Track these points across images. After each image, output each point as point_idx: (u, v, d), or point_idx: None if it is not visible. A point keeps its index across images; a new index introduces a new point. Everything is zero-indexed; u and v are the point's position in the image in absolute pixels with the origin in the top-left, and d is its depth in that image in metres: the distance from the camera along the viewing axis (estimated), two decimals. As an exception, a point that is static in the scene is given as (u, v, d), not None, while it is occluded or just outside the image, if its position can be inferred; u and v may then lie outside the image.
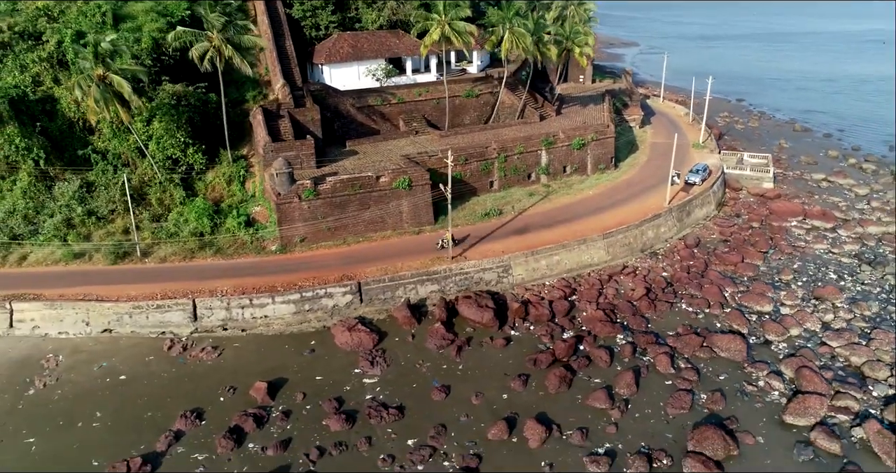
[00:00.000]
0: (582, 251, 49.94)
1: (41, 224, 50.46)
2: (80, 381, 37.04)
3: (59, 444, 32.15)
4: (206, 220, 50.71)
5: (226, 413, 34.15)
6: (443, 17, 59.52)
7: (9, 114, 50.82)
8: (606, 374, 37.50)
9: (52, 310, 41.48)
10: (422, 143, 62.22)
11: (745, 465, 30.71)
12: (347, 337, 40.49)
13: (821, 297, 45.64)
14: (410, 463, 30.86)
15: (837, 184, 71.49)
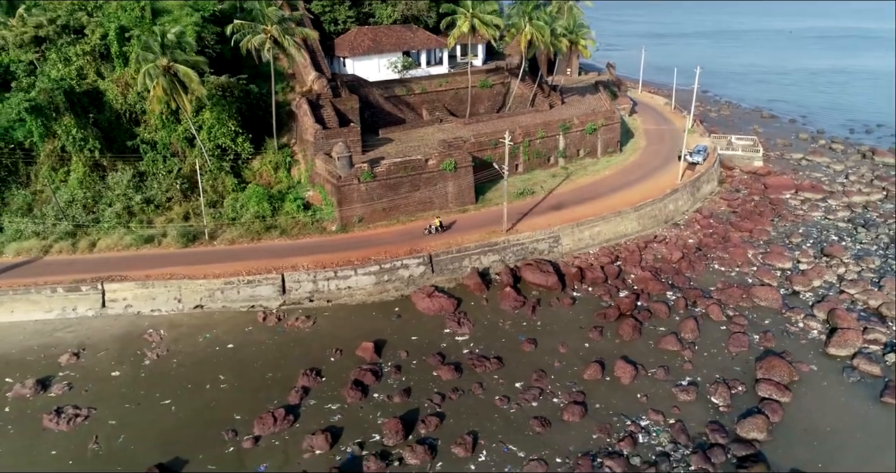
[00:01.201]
0: (617, 222, 54.85)
1: (101, 212, 51.85)
2: (190, 351, 39.34)
3: (195, 404, 34.61)
4: (267, 204, 53.13)
5: (341, 371, 37.22)
6: (470, 11, 63.39)
7: (64, 105, 51.97)
8: (668, 323, 42.36)
9: (144, 289, 43.41)
10: (448, 130, 65.91)
11: (807, 386, 35.99)
12: (428, 303, 44.03)
13: (830, 255, 51.90)
14: (525, 401, 34.80)
15: (815, 161, 79.07)
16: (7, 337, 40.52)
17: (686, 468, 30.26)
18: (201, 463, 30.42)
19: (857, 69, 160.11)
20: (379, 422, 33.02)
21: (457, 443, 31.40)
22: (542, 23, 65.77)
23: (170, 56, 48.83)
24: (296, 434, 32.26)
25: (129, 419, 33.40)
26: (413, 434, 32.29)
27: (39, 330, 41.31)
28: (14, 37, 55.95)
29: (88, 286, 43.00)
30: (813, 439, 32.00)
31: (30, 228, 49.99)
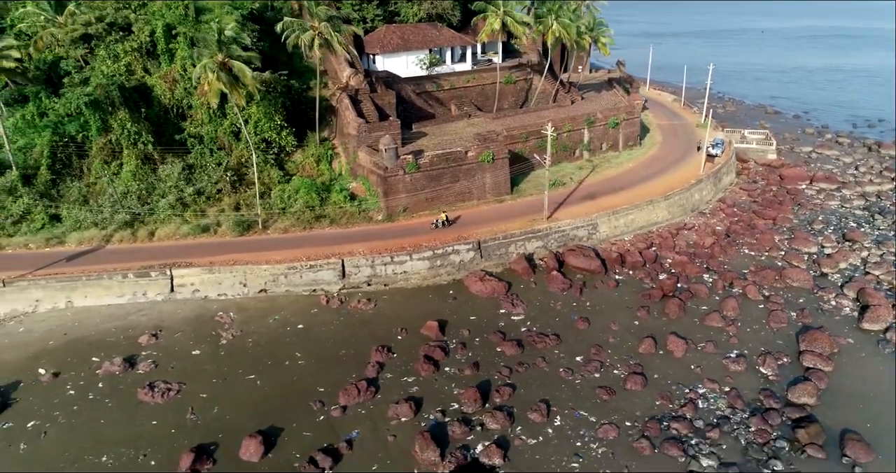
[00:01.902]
0: (650, 211, 57.44)
1: (155, 203, 53.67)
2: (263, 332, 41.38)
3: (279, 378, 36.69)
4: (315, 195, 55.18)
5: (410, 348, 39.43)
6: (500, 9, 65.77)
7: (119, 100, 53.80)
8: (709, 303, 44.98)
9: (211, 275, 45.38)
10: (477, 125, 68.25)
11: (847, 357, 38.68)
12: (481, 286, 46.35)
13: (852, 240, 54.82)
14: (587, 373, 37.21)
15: (825, 154, 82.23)
16: (84, 321, 42.35)
17: (746, 429, 32.77)
18: (296, 431, 32.52)
19: (852, 67, 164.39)
20: (455, 392, 35.29)
21: (532, 410, 33.73)
22: (567, 21, 68.29)
23: (226, 52, 50.77)
24: (379, 404, 34.45)
25: (219, 392, 35.43)
26: (489, 403, 34.58)
27: (113, 314, 43.16)
28: (64, 34, 57.59)
29: (157, 272, 44.90)
30: (859, 403, 34.64)
31: (88, 219, 51.73)
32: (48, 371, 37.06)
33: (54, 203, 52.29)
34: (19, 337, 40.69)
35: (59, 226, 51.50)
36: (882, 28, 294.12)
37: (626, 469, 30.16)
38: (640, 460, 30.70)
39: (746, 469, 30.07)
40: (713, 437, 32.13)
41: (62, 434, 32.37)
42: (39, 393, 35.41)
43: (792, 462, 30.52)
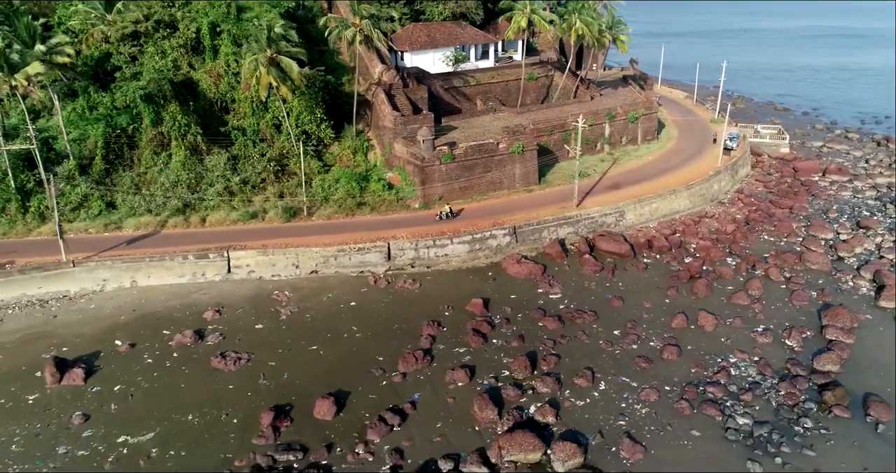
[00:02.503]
0: (672, 200, 60.27)
1: (204, 191, 56.51)
2: (319, 308, 44.24)
3: (340, 349, 39.55)
4: (355, 184, 58.03)
5: (458, 323, 42.27)
6: (527, 8, 68.65)
7: (170, 93, 56.66)
8: (734, 283, 47.83)
9: (266, 257, 48.24)
10: (503, 119, 70.84)
11: (866, 331, 41.53)
12: (518, 268, 49.20)
13: (866, 227, 57.66)
14: (626, 344, 40.05)
15: (835, 149, 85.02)
16: (150, 299, 45.21)
17: (776, 393, 35.59)
18: (362, 394, 35.36)
19: (858, 66, 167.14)
20: (505, 361, 38.15)
21: (578, 376, 36.58)
22: (589, 19, 71.15)
23: (275, 48, 53.66)
24: (436, 371, 37.29)
25: (286, 361, 38.29)
26: (537, 370, 37.40)
27: (176, 293, 46.02)
28: (114, 32, 60.46)
29: (215, 254, 47.77)
30: (879, 370, 37.45)
31: (142, 206, 54.61)
32: (124, 342, 39.96)
33: (109, 191, 55.17)
34: (91, 313, 43.57)
35: (115, 213, 54.38)
36: (884, 27, 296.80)
37: (669, 426, 32.97)
38: (680, 419, 33.52)
39: (779, 427, 32.86)
40: (746, 399, 34.96)
41: (147, 396, 35.24)
42: (119, 361, 38.28)
43: (820, 421, 33.31)
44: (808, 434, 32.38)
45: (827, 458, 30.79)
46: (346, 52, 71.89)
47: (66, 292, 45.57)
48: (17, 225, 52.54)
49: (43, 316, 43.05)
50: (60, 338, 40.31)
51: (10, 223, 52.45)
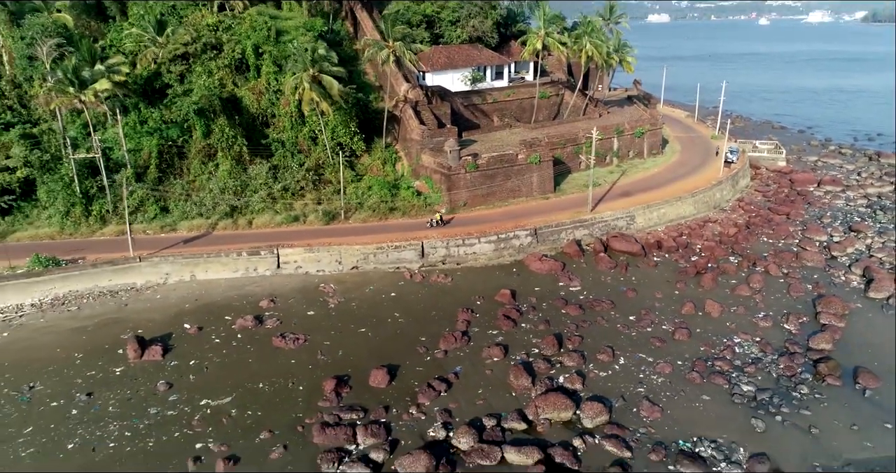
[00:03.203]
0: (679, 205, 65.37)
1: (249, 197, 61.65)
2: (362, 298, 49.04)
3: (385, 332, 44.25)
4: (387, 191, 63.20)
5: (489, 310, 47.00)
6: (542, 31, 74.58)
7: (219, 108, 62.15)
8: (737, 278, 52.63)
9: (311, 253, 53.16)
10: (518, 134, 76.48)
11: (856, 317, 46.17)
12: (540, 265, 54.07)
13: (857, 230, 62.58)
14: (641, 328, 44.75)
15: (829, 163, 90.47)
16: (209, 290, 50.03)
17: (776, 366, 40.16)
18: (410, 367, 39.97)
19: (854, 88, 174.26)
20: (534, 341, 42.82)
21: (600, 352, 41.23)
22: (598, 41, 77.08)
23: (318, 67, 59.27)
24: (473, 349, 41.94)
25: (339, 341, 42.97)
26: (563, 348, 42.03)
27: (232, 285, 50.85)
28: (166, 53, 66.20)
29: (266, 251, 52.71)
30: (868, 348, 42.02)
31: (193, 210, 59.72)
32: (192, 325, 44.71)
33: (163, 196, 60.34)
34: (158, 302, 48.37)
35: (168, 216, 59.54)
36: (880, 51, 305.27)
37: (682, 392, 37.53)
38: (692, 386, 38.08)
39: (779, 393, 37.41)
40: (750, 371, 39.53)
41: (219, 369, 39.88)
42: (190, 341, 42.97)
43: (815, 388, 37.85)
44: (804, 398, 36.89)
45: (820, 417, 35.26)
46: (372, 72, 77.96)
47: (133, 284, 50.42)
48: (81, 226, 57.67)
49: (115, 305, 47.86)
50: (134, 323, 45.05)
51: (75, 224, 57.58)
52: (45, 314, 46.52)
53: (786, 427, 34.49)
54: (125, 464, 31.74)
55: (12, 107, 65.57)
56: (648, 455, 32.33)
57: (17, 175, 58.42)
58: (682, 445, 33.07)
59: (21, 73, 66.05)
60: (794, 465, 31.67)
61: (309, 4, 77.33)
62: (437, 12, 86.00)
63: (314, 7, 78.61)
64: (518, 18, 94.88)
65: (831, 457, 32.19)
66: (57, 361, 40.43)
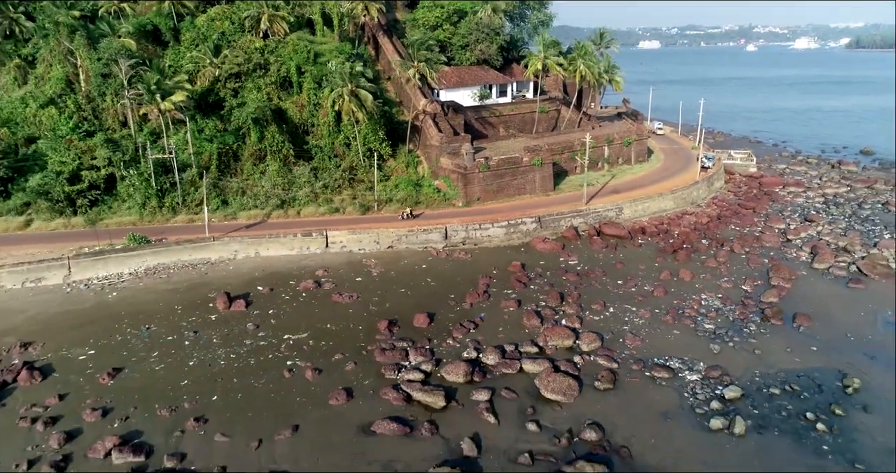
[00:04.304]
0: (660, 201, 76.58)
1: (295, 193, 72.52)
2: (399, 269, 59.70)
3: (421, 291, 54.86)
4: (412, 188, 74.26)
5: (504, 277, 57.69)
6: (542, 54, 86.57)
7: (271, 117, 73.42)
8: (707, 254, 63.55)
9: (354, 235, 63.96)
10: (521, 142, 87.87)
11: (801, 281, 57.02)
12: (543, 245, 64.95)
13: (811, 220, 73.85)
14: (627, 288, 55.44)
15: (796, 170, 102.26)
16: (272, 263, 60.64)
17: (733, 313, 50.84)
18: (444, 314, 50.48)
19: (831, 108, 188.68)
20: (541, 297, 53.47)
21: (594, 304, 51.91)
22: (591, 62, 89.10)
23: (354, 83, 70.74)
24: (493, 303, 52.53)
25: (385, 297, 53.53)
26: (565, 302, 52.65)
27: (290, 260, 61.47)
28: (223, 71, 77.71)
29: (316, 233, 63.46)
30: (808, 303, 52.70)
31: (249, 203, 70.56)
32: (265, 287, 55.23)
33: (222, 191, 71.17)
34: (231, 272, 58.95)
35: (228, 208, 70.29)
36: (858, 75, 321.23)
37: (658, 329, 48.16)
38: (665, 326, 48.71)
39: (733, 329, 48.07)
40: (712, 316, 50.23)
41: (293, 316, 50.34)
42: (265, 298, 53.47)
43: (761, 326, 48.54)
44: (752, 332, 47.56)
45: (763, 343, 45.88)
46: (393, 89, 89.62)
47: (208, 259, 61.02)
48: (156, 215, 68.35)
49: (197, 274, 58.42)
50: (216, 285, 55.55)
51: (151, 214, 68.25)
52: (142, 280, 57.03)
53: (736, 350, 45.14)
54: (236, 374, 42.04)
55: (87, 118, 76.69)
56: (631, 366, 42.90)
57: (101, 173, 69.19)
58: (657, 361, 43.63)
59: (96, 89, 77.20)
60: (739, 373, 42.20)
61: (340, 31, 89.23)
62: (448, 38, 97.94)
63: (343, 33, 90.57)
64: (519, 43, 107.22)
65: (768, 367, 42.81)
66: (162, 311, 50.86)
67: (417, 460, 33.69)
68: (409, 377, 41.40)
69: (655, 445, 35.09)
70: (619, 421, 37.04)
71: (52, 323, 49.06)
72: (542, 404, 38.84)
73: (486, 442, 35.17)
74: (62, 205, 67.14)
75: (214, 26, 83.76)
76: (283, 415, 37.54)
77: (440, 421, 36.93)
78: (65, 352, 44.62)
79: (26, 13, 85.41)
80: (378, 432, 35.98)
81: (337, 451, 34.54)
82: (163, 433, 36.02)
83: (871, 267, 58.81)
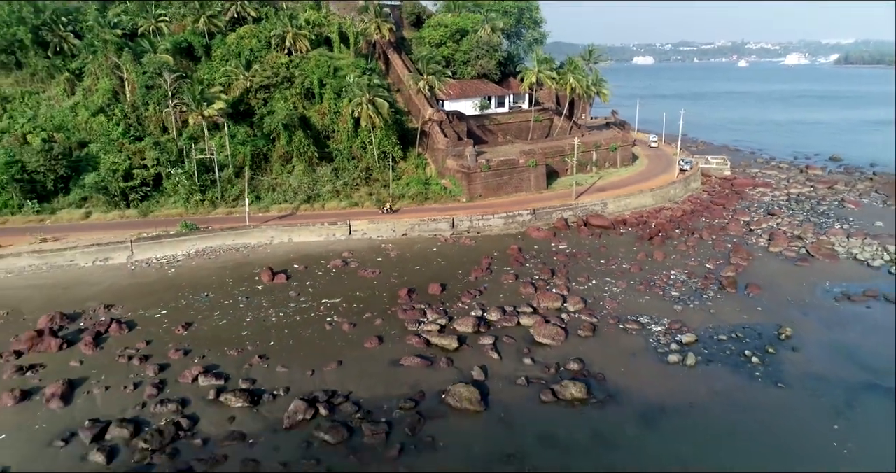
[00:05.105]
0: (641, 197, 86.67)
1: (319, 190, 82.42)
2: (413, 252, 69.43)
3: (433, 269, 64.54)
4: (422, 186, 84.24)
5: (503, 258, 67.44)
6: (536, 69, 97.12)
7: (298, 123, 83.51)
8: (679, 240, 73.46)
9: (373, 224, 73.77)
10: (518, 147, 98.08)
11: (757, 261, 66.89)
12: (538, 233, 74.86)
13: (773, 214, 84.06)
14: (608, 266, 65.21)
15: (767, 173, 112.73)
16: (303, 247, 70.31)
17: (696, 284, 60.60)
18: (453, 285, 60.07)
19: (813, 120, 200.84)
20: (535, 272, 63.20)
21: (580, 277, 61.67)
22: (580, 76, 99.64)
23: (372, 93, 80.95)
24: (494, 276, 62.23)
25: (403, 273, 63.19)
26: (555, 276, 62.38)
27: (319, 245, 71.19)
28: (255, 84, 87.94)
29: (341, 222, 73.27)
30: (760, 276, 62.51)
31: (279, 198, 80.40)
32: (301, 265, 64.88)
33: (255, 188, 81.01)
34: (269, 254, 68.59)
35: (261, 202, 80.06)
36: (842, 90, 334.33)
37: (632, 295, 57.89)
38: (638, 293, 58.42)
39: (695, 295, 57.82)
40: (678, 286, 60.00)
41: (327, 285, 59.96)
42: (301, 273, 63.09)
43: (718, 294, 58.31)
44: (710, 298, 57.37)
45: (718, 306, 55.63)
46: (401, 99, 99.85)
47: (248, 243, 70.67)
48: (199, 208, 78.08)
49: (240, 255, 68.08)
50: (259, 264, 65.15)
51: (195, 206, 77.99)
52: (194, 260, 66.67)
53: (695, 310, 54.91)
54: (286, 327, 51.57)
55: (132, 125, 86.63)
56: (608, 321, 52.61)
57: (150, 171, 79.01)
58: (629, 318, 53.33)
59: (140, 99, 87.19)
60: (696, 325, 51.85)
61: (355, 48, 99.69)
62: (452, 54, 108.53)
63: (357, 50, 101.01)
64: (516, 59, 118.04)
65: (719, 321, 52.55)
66: (217, 283, 60.45)
67: (437, 382, 43.20)
68: (427, 328, 51.01)
69: (624, 372, 44.70)
70: (597, 358, 46.65)
71: (125, 291, 58.61)
72: (536, 346, 48.49)
73: (491, 371, 44.75)
74: (118, 198, 76.94)
75: (243, 44, 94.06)
76: (328, 354, 47.07)
77: (454, 357, 46.53)
78: (142, 312, 54.14)
79: (74, 32, 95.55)
80: (405, 364, 45.54)
81: (373, 377, 44.04)
82: (234, 366, 45.48)
83: (817, 249, 68.84)
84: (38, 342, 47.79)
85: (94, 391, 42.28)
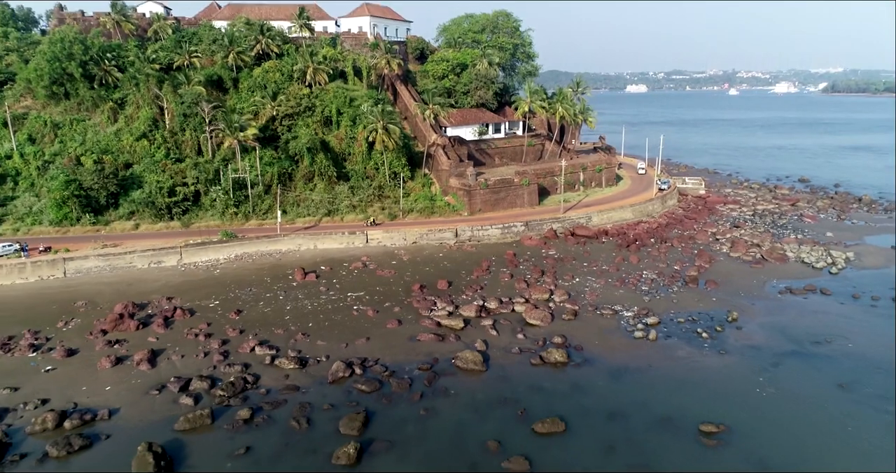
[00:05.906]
0: (622, 211, 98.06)
1: (338, 205, 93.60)
2: (422, 256, 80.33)
3: (440, 269, 75.38)
4: (428, 202, 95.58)
5: (500, 261, 78.37)
6: (529, 98, 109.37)
7: (319, 146, 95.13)
8: (652, 247, 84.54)
9: (387, 233, 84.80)
10: (513, 168, 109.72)
11: (718, 264, 77.87)
12: (530, 242, 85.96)
13: (738, 226, 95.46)
14: (590, 267, 76.12)
15: (739, 193, 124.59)
16: (327, 253, 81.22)
17: (664, 281, 71.49)
18: (458, 282, 70.88)
19: (792, 146, 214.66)
20: (528, 272, 74.07)
21: (566, 275, 72.54)
22: (568, 105, 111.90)
23: (386, 119, 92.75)
24: (493, 276, 73.08)
25: (415, 272, 74.00)
26: (545, 275, 73.23)
27: (340, 251, 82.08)
28: (281, 112, 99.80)
29: (359, 231, 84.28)
30: (718, 275, 73.47)
31: (304, 213, 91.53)
32: (327, 266, 75.68)
33: (282, 203, 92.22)
34: (299, 258, 79.40)
35: (287, 216, 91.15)
36: (824, 117, 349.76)
37: (608, 290, 68.70)
38: (614, 288, 69.27)
39: (661, 289, 68.67)
40: (648, 283, 70.86)
41: (351, 282, 70.68)
42: (327, 273, 73.87)
43: (681, 289, 69.20)
44: (674, 292, 68.22)
45: (680, 297, 66.47)
46: (408, 125, 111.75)
47: (279, 250, 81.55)
48: (233, 220, 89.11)
49: (273, 259, 78.91)
50: (290, 266, 75.91)
51: (230, 219, 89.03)
52: (234, 263, 77.46)
53: (660, 300, 65.74)
54: (320, 313, 62.16)
55: (170, 148, 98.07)
56: (588, 308, 63.38)
57: (190, 188, 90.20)
58: (605, 306, 64.10)
59: (178, 125, 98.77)
60: (660, 311, 62.58)
61: (367, 80, 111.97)
62: (453, 86, 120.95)
63: (368, 82, 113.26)
64: (511, 90, 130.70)
65: (680, 308, 63.29)
66: (257, 281, 71.17)
67: (448, 351, 53.74)
68: (438, 313, 61.68)
69: (598, 344, 55.35)
70: (577, 335, 57.29)
71: (180, 287, 69.27)
72: (527, 326, 59.17)
73: (491, 343, 55.34)
74: (163, 212, 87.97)
75: (268, 77, 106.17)
76: (358, 332, 57.65)
77: (461, 334, 57.16)
78: (198, 302, 64.75)
79: (117, 66, 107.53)
80: (421, 339, 56.11)
81: (396, 348, 54.57)
82: (282, 341, 55.98)
83: (770, 254, 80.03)
84: (119, 323, 58.34)
85: (172, 358, 52.73)
